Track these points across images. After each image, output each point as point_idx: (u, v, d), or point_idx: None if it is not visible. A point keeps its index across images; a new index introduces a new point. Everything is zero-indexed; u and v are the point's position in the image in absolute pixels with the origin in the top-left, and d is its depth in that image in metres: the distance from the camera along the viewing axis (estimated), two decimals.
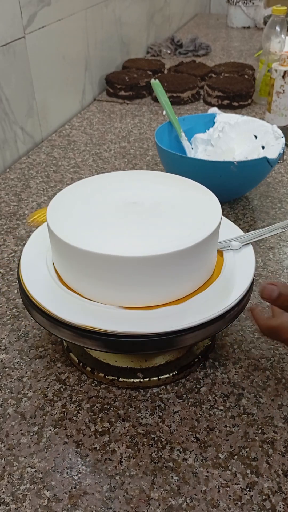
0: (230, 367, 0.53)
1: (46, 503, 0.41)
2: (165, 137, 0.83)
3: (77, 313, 0.43)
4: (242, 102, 1.20)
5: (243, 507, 0.40)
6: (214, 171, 0.73)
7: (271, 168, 0.75)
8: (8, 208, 0.82)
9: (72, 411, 0.48)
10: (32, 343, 0.56)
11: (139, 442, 0.46)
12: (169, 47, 1.66)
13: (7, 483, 0.42)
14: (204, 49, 1.65)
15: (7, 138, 0.95)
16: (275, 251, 0.71)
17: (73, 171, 0.94)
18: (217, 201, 0.48)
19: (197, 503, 0.41)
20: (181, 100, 1.23)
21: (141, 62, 1.42)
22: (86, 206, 0.48)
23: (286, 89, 1.04)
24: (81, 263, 0.43)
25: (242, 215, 0.79)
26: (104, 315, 0.43)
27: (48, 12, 1.01)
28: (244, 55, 1.64)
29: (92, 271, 0.43)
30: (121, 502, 0.41)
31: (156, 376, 0.50)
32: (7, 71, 0.91)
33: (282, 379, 0.51)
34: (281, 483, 0.42)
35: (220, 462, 0.44)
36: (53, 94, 1.09)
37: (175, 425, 0.47)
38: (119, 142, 1.05)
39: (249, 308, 0.49)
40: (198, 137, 0.86)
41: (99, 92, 1.33)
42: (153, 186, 0.51)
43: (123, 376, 0.50)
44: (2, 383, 0.51)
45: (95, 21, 1.23)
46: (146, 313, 0.44)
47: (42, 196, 0.85)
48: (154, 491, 0.42)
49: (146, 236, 0.44)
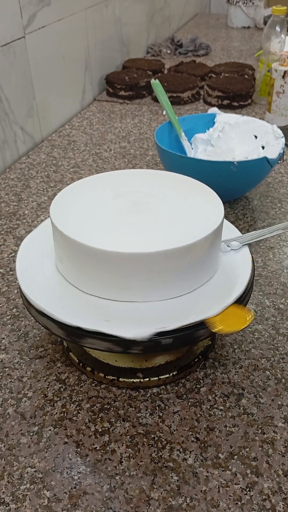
0: (230, 367, 0.53)
1: (46, 503, 0.41)
2: (165, 137, 0.83)
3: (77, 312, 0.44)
4: (242, 102, 1.20)
5: (243, 507, 0.40)
6: (214, 171, 0.73)
7: (271, 168, 0.75)
8: (8, 208, 0.82)
9: (72, 411, 0.48)
10: (32, 343, 0.56)
11: (139, 442, 0.46)
12: (169, 47, 1.66)
13: (7, 483, 0.42)
14: (204, 49, 1.65)
15: (7, 138, 0.95)
16: (275, 251, 0.71)
17: (73, 171, 0.94)
18: (219, 199, 0.49)
19: (197, 503, 0.41)
20: (181, 100, 1.23)
21: (141, 62, 1.42)
22: (89, 204, 0.48)
23: (286, 89, 1.04)
24: (85, 259, 0.43)
25: (242, 215, 0.79)
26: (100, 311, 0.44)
27: (48, 12, 1.01)
28: (244, 55, 1.64)
29: (95, 267, 0.44)
30: (121, 502, 0.41)
31: (156, 376, 0.50)
32: (7, 71, 0.91)
33: (282, 379, 0.51)
34: (281, 483, 0.42)
35: (220, 462, 0.44)
36: (53, 94, 1.09)
37: (175, 425, 0.47)
38: (119, 142, 1.05)
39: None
40: (198, 137, 0.86)
41: (99, 92, 1.33)
42: (156, 185, 0.51)
43: (123, 376, 0.50)
44: (2, 383, 0.51)
45: (95, 21, 1.23)
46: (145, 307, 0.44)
47: (42, 196, 0.85)
48: (154, 491, 0.42)
49: (150, 233, 0.44)
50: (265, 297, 0.62)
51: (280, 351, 0.55)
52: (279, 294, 0.63)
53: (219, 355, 0.54)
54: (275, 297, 0.62)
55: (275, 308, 0.61)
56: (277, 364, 0.53)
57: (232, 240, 0.52)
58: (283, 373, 0.52)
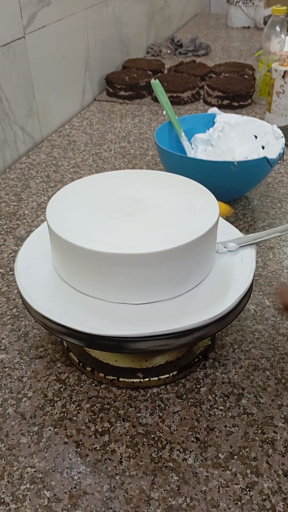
0: (230, 367, 0.53)
1: (46, 503, 0.41)
2: (165, 137, 0.83)
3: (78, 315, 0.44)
4: (242, 102, 1.20)
5: (243, 507, 0.40)
6: (214, 171, 0.73)
7: (271, 168, 0.75)
8: (8, 208, 0.82)
9: (72, 411, 0.48)
10: (32, 343, 0.56)
11: (139, 442, 0.46)
12: (169, 47, 1.66)
13: (7, 483, 0.42)
14: (204, 49, 1.65)
15: (7, 138, 0.95)
16: (275, 251, 0.71)
17: (73, 171, 0.94)
18: (215, 200, 0.49)
19: (197, 503, 0.41)
20: (181, 100, 1.23)
21: (141, 62, 1.42)
22: (85, 205, 0.48)
23: (286, 89, 1.04)
24: (81, 260, 0.43)
25: (242, 215, 0.79)
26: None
27: (48, 12, 1.01)
28: (244, 55, 1.64)
29: (88, 268, 0.44)
30: (121, 502, 0.41)
31: (156, 376, 0.50)
32: (7, 71, 0.91)
33: (282, 379, 0.51)
34: (281, 483, 0.42)
35: (220, 462, 0.44)
36: (53, 94, 1.09)
37: (175, 425, 0.47)
38: (119, 142, 1.05)
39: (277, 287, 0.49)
40: (198, 137, 0.86)
41: (99, 92, 1.33)
42: (152, 185, 0.51)
43: (123, 376, 0.50)
44: (2, 383, 0.51)
45: (95, 21, 1.23)
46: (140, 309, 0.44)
47: (42, 196, 0.85)
48: (154, 491, 0.42)
49: (145, 233, 0.44)
50: (265, 297, 0.62)
51: (280, 351, 0.55)
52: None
53: (219, 355, 0.54)
54: (275, 297, 0.62)
55: (275, 308, 0.61)
56: (277, 364, 0.53)
57: (229, 241, 0.52)
58: (283, 373, 0.52)
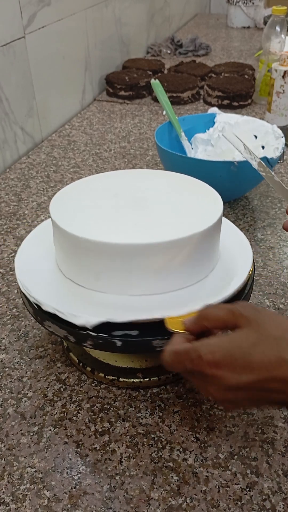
0: None
1: (46, 503, 0.41)
2: (165, 137, 0.83)
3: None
4: (242, 102, 1.20)
5: (243, 507, 0.40)
6: (214, 171, 0.73)
7: (271, 168, 0.75)
8: (8, 208, 0.82)
9: (72, 411, 0.48)
10: (32, 343, 0.56)
11: (139, 442, 0.46)
12: (169, 47, 1.66)
13: (7, 483, 0.42)
14: (204, 49, 1.65)
15: (7, 138, 0.95)
16: (275, 251, 0.71)
17: (73, 171, 0.94)
18: (218, 194, 0.50)
19: (197, 503, 0.41)
20: (181, 100, 1.23)
21: (141, 62, 1.42)
22: (89, 201, 0.49)
23: (286, 89, 1.04)
24: (85, 252, 0.44)
25: (242, 215, 0.79)
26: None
27: (48, 12, 1.01)
28: (244, 55, 1.64)
29: (93, 260, 0.44)
30: (121, 502, 0.41)
31: (156, 376, 0.50)
32: (7, 71, 0.91)
33: None
34: (281, 483, 0.42)
35: (220, 462, 0.44)
36: (53, 94, 1.09)
37: (175, 425, 0.47)
38: (119, 142, 1.05)
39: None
40: (198, 137, 0.85)
41: (99, 92, 1.33)
42: (155, 183, 0.52)
43: (123, 376, 0.50)
44: (2, 383, 0.51)
45: (95, 21, 1.23)
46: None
47: (42, 196, 0.85)
48: (154, 491, 0.42)
49: (147, 226, 0.45)
50: (265, 297, 0.62)
51: None
52: (279, 294, 0.63)
53: None
54: (275, 297, 0.62)
55: (275, 308, 0.61)
56: None
57: None
58: None
